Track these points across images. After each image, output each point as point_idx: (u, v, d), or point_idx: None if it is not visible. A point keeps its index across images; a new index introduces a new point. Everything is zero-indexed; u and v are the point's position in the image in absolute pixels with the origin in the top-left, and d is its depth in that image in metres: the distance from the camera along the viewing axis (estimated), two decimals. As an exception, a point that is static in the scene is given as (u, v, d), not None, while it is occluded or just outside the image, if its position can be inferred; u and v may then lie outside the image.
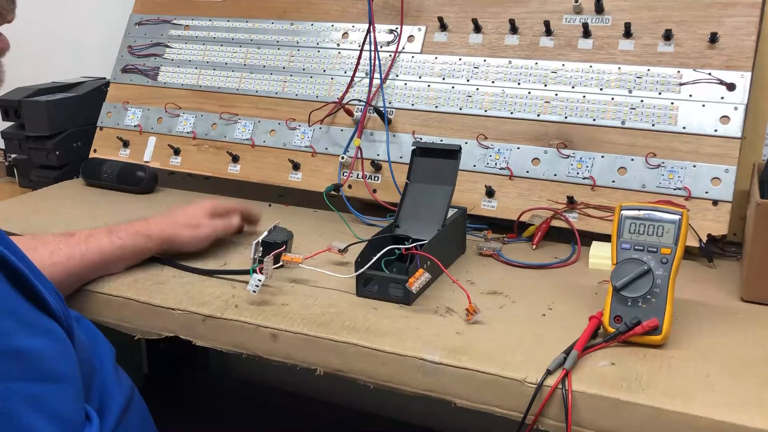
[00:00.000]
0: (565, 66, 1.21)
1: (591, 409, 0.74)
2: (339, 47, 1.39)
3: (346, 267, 1.01)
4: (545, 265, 1.08)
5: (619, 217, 0.87)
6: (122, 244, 1.02)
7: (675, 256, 0.84)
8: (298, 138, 1.36)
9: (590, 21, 1.20)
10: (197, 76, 1.50)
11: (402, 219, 1.06)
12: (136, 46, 1.58)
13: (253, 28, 1.48)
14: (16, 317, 0.62)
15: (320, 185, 1.28)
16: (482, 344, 0.83)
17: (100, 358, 0.83)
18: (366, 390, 0.86)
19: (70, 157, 1.57)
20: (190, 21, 1.55)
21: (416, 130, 1.27)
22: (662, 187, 1.10)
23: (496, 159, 1.21)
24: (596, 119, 1.17)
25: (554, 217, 1.15)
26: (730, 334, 0.86)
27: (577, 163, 1.16)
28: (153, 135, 1.50)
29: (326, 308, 0.93)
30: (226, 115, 1.44)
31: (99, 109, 1.57)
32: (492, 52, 1.27)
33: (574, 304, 0.93)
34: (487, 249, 1.11)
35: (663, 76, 1.14)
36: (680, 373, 0.77)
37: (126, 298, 0.99)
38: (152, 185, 1.46)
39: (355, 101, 1.31)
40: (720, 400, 0.72)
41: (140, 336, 0.99)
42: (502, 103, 1.23)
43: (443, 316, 0.90)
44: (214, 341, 0.94)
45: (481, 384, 0.79)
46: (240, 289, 0.98)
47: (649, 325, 0.81)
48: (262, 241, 1.01)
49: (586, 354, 0.80)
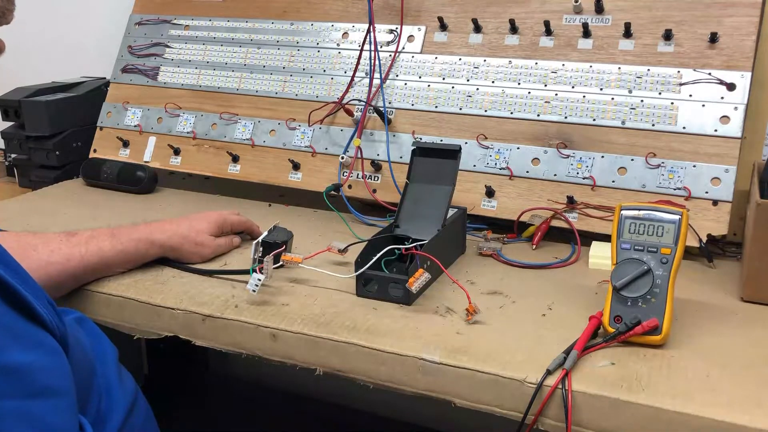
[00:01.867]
0: (565, 66, 1.21)
1: (591, 409, 0.74)
2: (339, 47, 1.39)
3: (346, 267, 1.01)
4: (545, 265, 1.08)
5: (619, 217, 0.87)
6: (123, 249, 1.01)
7: (675, 256, 0.84)
8: (298, 138, 1.36)
9: (590, 21, 1.20)
10: (197, 76, 1.50)
11: (402, 219, 1.06)
12: (136, 46, 1.58)
13: (253, 28, 1.48)
14: (6, 331, 0.60)
15: (320, 185, 1.28)
16: (482, 344, 0.83)
17: (103, 359, 0.83)
18: (366, 390, 0.86)
19: (70, 157, 1.57)
20: (190, 21, 1.55)
21: (416, 130, 1.27)
22: (662, 187, 1.10)
23: (496, 159, 1.21)
24: (596, 119, 1.17)
25: (554, 217, 1.15)
26: (730, 334, 0.86)
27: (577, 163, 1.16)
28: (153, 135, 1.50)
29: (326, 308, 0.93)
30: (226, 115, 1.44)
31: (99, 109, 1.57)
32: (492, 52, 1.27)
33: (574, 304, 0.93)
34: (487, 249, 1.11)
35: (663, 76, 1.14)
36: (680, 373, 0.77)
37: (126, 298, 0.99)
38: (152, 185, 1.46)
39: (355, 101, 1.31)
40: (720, 400, 0.72)
41: (140, 336, 0.99)
42: (502, 103, 1.23)
43: (443, 316, 0.90)
44: (214, 341, 0.94)
45: (481, 384, 0.79)
46: (240, 289, 0.98)
47: (649, 325, 0.81)
48: (262, 241, 1.01)
49: (586, 354, 0.80)
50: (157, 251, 1.04)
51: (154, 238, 1.04)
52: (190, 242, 1.05)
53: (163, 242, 1.04)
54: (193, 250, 1.06)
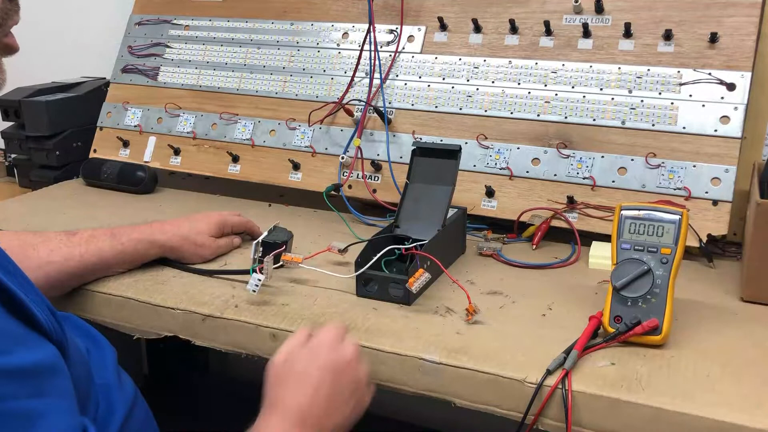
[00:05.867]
0: (565, 66, 1.21)
1: (591, 409, 0.74)
2: (339, 47, 1.39)
3: (346, 267, 1.01)
4: (545, 265, 1.08)
5: (619, 217, 0.87)
6: (123, 249, 1.01)
7: (675, 256, 0.84)
8: (298, 138, 1.36)
9: (590, 21, 1.20)
10: (197, 76, 1.50)
11: (402, 219, 1.06)
12: (136, 46, 1.58)
13: (253, 28, 1.48)
14: (8, 336, 0.60)
15: (320, 185, 1.28)
16: (482, 344, 0.83)
17: (102, 363, 0.83)
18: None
19: (70, 157, 1.57)
20: (190, 21, 1.55)
21: (416, 130, 1.27)
22: (662, 187, 1.10)
23: (496, 159, 1.21)
24: (596, 119, 1.17)
25: (554, 217, 1.14)
26: (730, 334, 0.86)
27: (577, 163, 1.16)
28: (153, 135, 1.50)
29: (326, 308, 0.93)
30: (226, 115, 1.44)
31: (99, 109, 1.57)
32: (492, 52, 1.27)
33: (574, 304, 0.93)
34: (487, 249, 1.11)
35: (663, 76, 1.14)
36: (680, 373, 0.77)
37: (126, 298, 0.99)
38: (152, 185, 1.46)
39: (355, 101, 1.31)
40: (720, 400, 0.72)
41: (140, 336, 0.99)
42: (502, 103, 1.23)
43: (443, 316, 0.90)
44: (214, 341, 0.94)
45: (481, 384, 0.79)
46: (240, 289, 0.98)
47: (649, 325, 0.81)
48: (262, 241, 1.01)
49: (586, 354, 0.80)
50: (157, 251, 1.04)
51: (154, 238, 1.04)
52: (190, 243, 1.05)
53: (163, 242, 1.04)
54: (194, 251, 1.06)
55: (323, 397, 0.75)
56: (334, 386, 0.76)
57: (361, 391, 0.79)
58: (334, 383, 0.77)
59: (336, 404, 0.76)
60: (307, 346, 0.79)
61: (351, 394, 0.78)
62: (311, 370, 0.77)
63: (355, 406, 0.78)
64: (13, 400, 0.59)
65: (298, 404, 0.74)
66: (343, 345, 0.80)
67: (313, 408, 0.74)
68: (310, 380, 0.76)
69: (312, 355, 0.78)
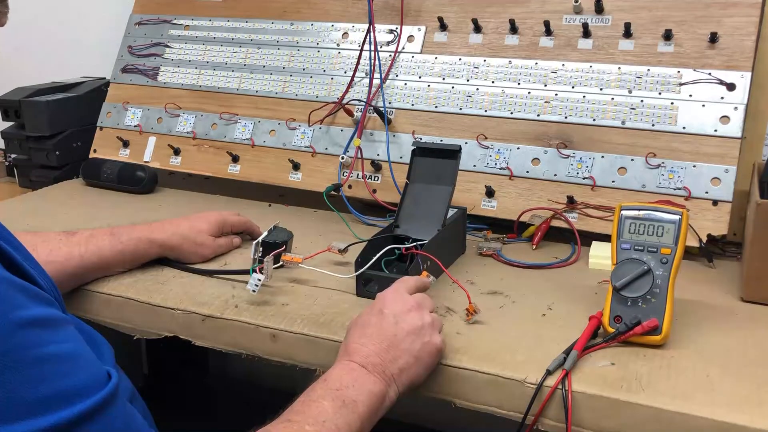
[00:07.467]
0: (565, 66, 1.21)
1: (591, 409, 0.74)
2: (339, 47, 1.39)
3: (346, 267, 1.01)
4: (545, 265, 1.08)
5: (619, 217, 0.87)
6: (123, 249, 1.01)
7: (675, 256, 0.84)
8: (298, 138, 1.36)
9: (590, 21, 1.20)
10: (197, 76, 1.50)
11: (402, 219, 1.06)
12: (136, 46, 1.58)
13: (253, 28, 1.48)
14: (24, 292, 0.61)
15: (320, 185, 1.27)
16: (482, 344, 0.83)
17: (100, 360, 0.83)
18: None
19: (70, 157, 1.57)
20: (190, 21, 1.55)
21: (416, 130, 1.27)
22: (662, 187, 1.10)
23: (496, 159, 1.21)
24: (596, 119, 1.17)
25: (554, 217, 1.14)
26: (730, 334, 0.86)
27: (577, 163, 1.16)
28: (153, 135, 1.50)
29: (326, 308, 0.93)
30: (226, 115, 1.44)
31: (99, 109, 1.57)
32: (492, 52, 1.27)
33: (574, 304, 0.93)
34: (487, 249, 1.11)
35: (663, 76, 1.14)
36: (680, 373, 0.77)
37: (126, 298, 0.99)
38: (152, 185, 1.46)
39: (355, 101, 1.31)
40: (720, 400, 0.72)
41: (140, 336, 0.99)
42: (502, 103, 1.23)
43: (443, 316, 0.90)
44: (214, 341, 0.94)
45: (481, 384, 0.79)
46: (240, 289, 0.98)
47: (649, 325, 0.81)
48: (262, 241, 1.01)
49: (586, 354, 0.80)
50: (156, 251, 1.04)
51: (153, 237, 1.04)
52: (190, 242, 1.06)
53: (163, 242, 1.04)
54: (193, 250, 1.06)
55: (398, 350, 0.78)
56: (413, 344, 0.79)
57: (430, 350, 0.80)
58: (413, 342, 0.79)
59: (408, 361, 0.78)
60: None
61: (424, 354, 0.79)
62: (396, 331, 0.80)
63: (426, 367, 0.80)
64: (48, 345, 0.60)
65: (370, 351, 0.78)
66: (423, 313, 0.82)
67: (382, 355, 0.78)
68: (395, 340, 0.79)
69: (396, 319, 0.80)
